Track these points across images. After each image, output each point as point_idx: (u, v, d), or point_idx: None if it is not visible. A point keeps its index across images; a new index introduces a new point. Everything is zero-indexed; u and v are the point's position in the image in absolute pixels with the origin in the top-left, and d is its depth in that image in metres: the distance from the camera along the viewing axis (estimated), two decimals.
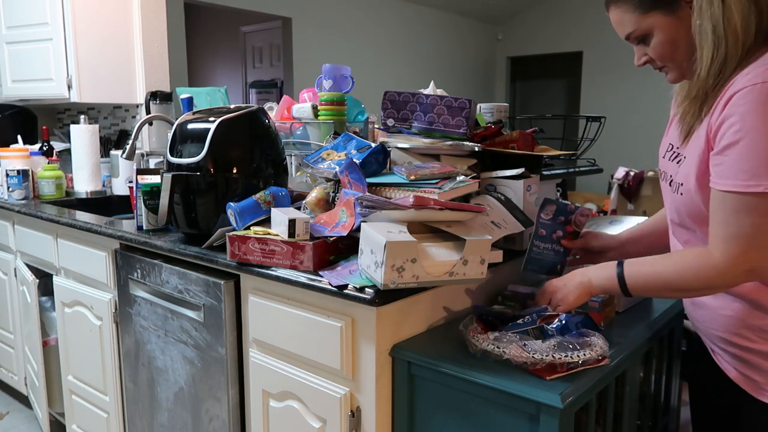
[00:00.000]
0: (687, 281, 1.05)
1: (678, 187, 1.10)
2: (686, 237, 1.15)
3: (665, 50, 1.06)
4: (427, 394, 1.21)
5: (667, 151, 1.18)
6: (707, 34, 0.98)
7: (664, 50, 1.06)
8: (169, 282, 1.63)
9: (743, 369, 1.11)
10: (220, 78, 6.68)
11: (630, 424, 1.32)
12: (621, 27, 1.10)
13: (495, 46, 7.89)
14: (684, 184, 1.08)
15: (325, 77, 1.87)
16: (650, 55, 1.08)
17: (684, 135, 1.09)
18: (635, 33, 1.07)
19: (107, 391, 1.98)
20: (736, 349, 1.11)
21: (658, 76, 1.16)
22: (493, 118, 2.02)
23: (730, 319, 1.10)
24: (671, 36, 1.04)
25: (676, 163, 1.13)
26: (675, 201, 1.13)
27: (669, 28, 1.03)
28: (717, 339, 1.15)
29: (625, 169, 3.94)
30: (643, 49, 1.09)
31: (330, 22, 5.72)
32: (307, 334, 1.32)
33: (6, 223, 2.49)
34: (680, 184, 1.09)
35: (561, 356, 1.08)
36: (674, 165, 1.14)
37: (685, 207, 1.09)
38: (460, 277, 1.18)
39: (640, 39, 1.08)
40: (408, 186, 1.39)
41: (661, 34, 1.04)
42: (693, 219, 1.09)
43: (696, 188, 1.04)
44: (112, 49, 2.76)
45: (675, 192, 1.11)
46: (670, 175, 1.15)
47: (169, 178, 1.54)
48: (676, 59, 1.06)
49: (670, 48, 1.05)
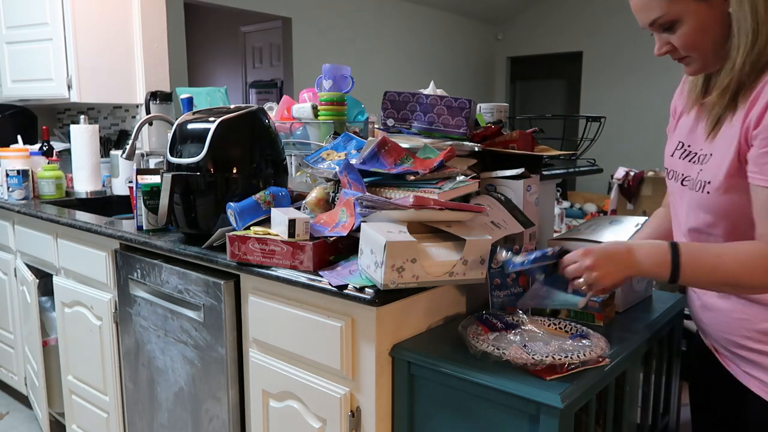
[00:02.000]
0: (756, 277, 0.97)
1: (703, 185, 1.04)
2: (701, 239, 1.10)
3: (693, 39, 0.99)
4: (427, 394, 1.21)
5: (676, 149, 1.14)
6: (745, 21, 0.94)
7: (691, 39, 0.99)
8: (169, 282, 1.63)
9: (754, 371, 1.09)
10: (220, 78, 6.68)
11: (630, 424, 1.32)
12: (645, 12, 1.01)
13: (495, 46, 7.89)
14: (712, 181, 1.02)
15: (325, 77, 1.87)
16: (674, 44, 1.02)
17: (710, 129, 1.04)
18: (662, 19, 1.00)
19: (107, 391, 1.98)
20: (746, 352, 1.09)
21: (657, 76, 1.16)
22: (493, 118, 2.02)
23: (742, 321, 1.08)
24: (701, 23, 0.98)
25: (691, 161, 1.09)
26: (695, 200, 1.07)
27: (699, 15, 0.97)
28: (726, 341, 1.13)
29: (625, 169, 3.94)
30: (667, 38, 1.02)
31: (330, 22, 5.72)
32: (307, 334, 1.32)
33: (6, 223, 2.49)
34: (706, 182, 1.03)
35: (561, 357, 1.08)
36: (687, 163, 1.10)
37: (711, 206, 1.04)
38: (460, 277, 1.18)
39: (666, 26, 1.01)
40: (408, 186, 1.39)
41: (690, 21, 0.98)
42: (718, 218, 1.04)
43: (726, 186, 1.00)
44: (112, 49, 2.76)
45: (699, 190, 1.05)
46: (683, 174, 1.11)
47: (169, 178, 1.54)
48: (702, 49, 1.00)
49: (698, 36, 0.99)
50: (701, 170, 1.05)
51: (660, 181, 3.89)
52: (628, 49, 6.63)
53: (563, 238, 1.54)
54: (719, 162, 1.01)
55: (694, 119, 1.12)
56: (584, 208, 5.24)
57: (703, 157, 1.06)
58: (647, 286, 1.58)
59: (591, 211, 5.11)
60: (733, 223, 1.04)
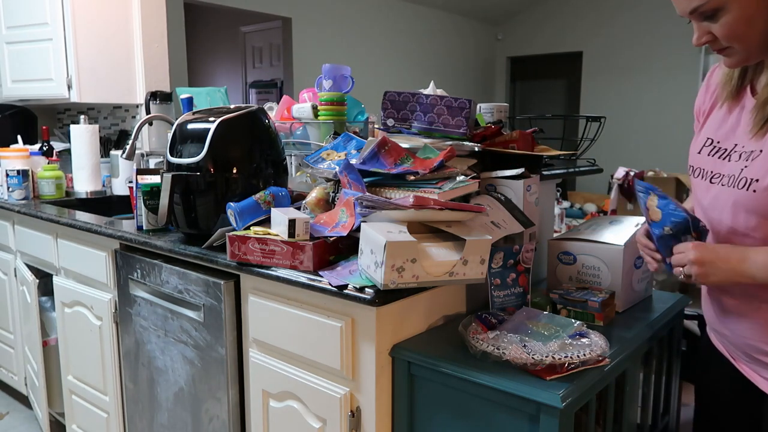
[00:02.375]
0: None
1: (748, 183, 0.99)
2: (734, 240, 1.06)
3: (738, 28, 0.94)
4: (427, 394, 1.21)
5: (704, 146, 1.10)
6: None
7: (736, 28, 0.94)
8: (169, 282, 1.63)
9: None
10: (220, 78, 6.68)
11: (630, 424, 1.32)
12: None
13: (495, 46, 7.89)
14: (761, 180, 0.97)
15: (325, 77, 1.87)
16: (715, 34, 0.96)
17: (759, 125, 0.99)
18: (705, 6, 0.93)
19: (107, 391, 1.98)
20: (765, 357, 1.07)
21: (657, 76, 1.15)
22: (493, 118, 2.01)
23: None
24: (748, 12, 0.92)
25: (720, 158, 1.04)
26: (736, 198, 1.01)
27: (747, 3, 0.92)
28: (748, 347, 1.10)
29: (625, 169, 3.94)
30: (708, 27, 0.96)
31: (330, 22, 5.72)
32: (307, 334, 1.32)
33: (6, 223, 2.49)
34: (753, 179, 0.98)
35: (561, 357, 1.08)
36: (716, 160, 1.06)
37: (757, 205, 0.98)
38: (460, 277, 1.18)
39: (708, 14, 0.95)
40: (408, 186, 1.39)
41: (736, 9, 0.92)
42: (761, 218, 0.99)
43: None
44: (112, 49, 2.76)
45: (743, 188, 1.00)
46: (711, 171, 1.07)
47: (169, 178, 1.54)
48: (747, 40, 0.95)
49: (744, 26, 0.93)
50: (746, 167, 1.00)
51: (660, 181, 3.89)
52: (628, 49, 6.63)
53: (563, 238, 1.54)
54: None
55: (726, 114, 1.08)
56: (584, 208, 5.24)
57: (747, 154, 1.01)
58: (647, 286, 1.58)
59: (591, 211, 5.10)
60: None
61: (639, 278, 1.53)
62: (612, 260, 1.46)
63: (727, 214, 1.04)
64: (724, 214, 1.05)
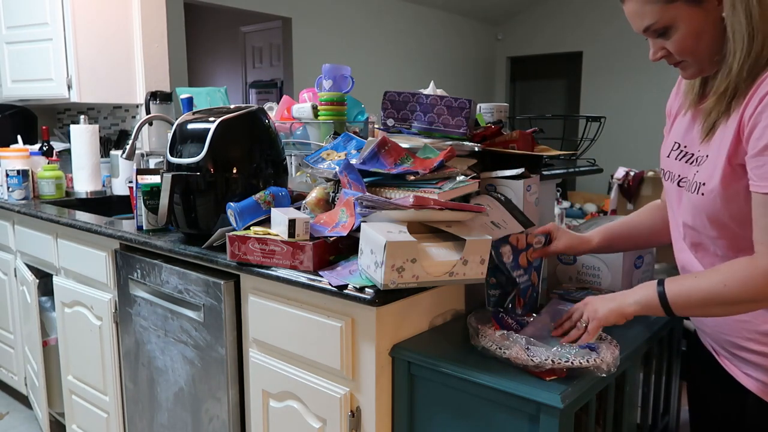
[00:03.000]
0: (733, 293, 0.98)
1: (698, 186, 1.04)
2: (698, 240, 1.10)
3: (688, 43, 0.99)
4: (427, 394, 1.20)
5: (672, 150, 1.14)
6: (741, 25, 0.93)
7: (686, 43, 0.99)
8: (169, 282, 1.63)
9: (755, 373, 1.09)
10: (220, 78, 6.68)
11: (630, 424, 1.32)
12: (639, 18, 1.01)
13: (495, 46, 7.89)
14: (706, 183, 1.02)
15: (325, 77, 1.87)
16: (669, 49, 1.02)
17: (706, 132, 1.03)
18: (656, 25, 0.99)
19: (107, 391, 1.98)
20: (747, 354, 1.09)
21: (657, 76, 1.16)
22: (493, 118, 2.02)
23: (743, 323, 1.07)
24: (695, 28, 0.97)
25: (687, 162, 1.09)
26: (691, 202, 1.07)
27: (693, 20, 0.97)
28: (726, 343, 1.13)
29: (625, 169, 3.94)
30: (662, 43, 1.02)
31: (330, 22, 5.72)
32: (307, 334, 1.32)
33: (6, 223, 2.49)
34: (701, 183, 1.03)
35: (561, 361, 1.07)
36: (684, 164, 1.10)
37: (706, 208, 1.04)
38: (460, 278, 1.18)
39: (660, 32, 1.00)
40: (408, 186, 1.39)
41: (684, 26, 0.97)
42: (712, 221, 1.04)
43: (720, 188, 0.99)
44: (112, 49, 2.76)
45: (694, 192, 1.05)
46: (678, 175, 1.11)
47: (169, 178, 1.54)
48: (698, 53, 1.00)
49: (693, 41, 0.98)
50: (697, 171, 1.06)
51: (660, 181, 3.88)
52: (628, 49, 6.63)
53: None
54: (715, 164, 1.01)
55: (690, 120, 1.12)
56: (584, 208, 5.24)
57: (699, 159, 1.06)
58: None
59: (591, 211, 5.11)
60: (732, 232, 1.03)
61: (639, 278, 1.53)
62: (612, 260, 1.46)
63: (689, 217, 1.09)
64: (688, 217, 1.09)
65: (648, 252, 1.55)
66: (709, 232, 1.06)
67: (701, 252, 1.12)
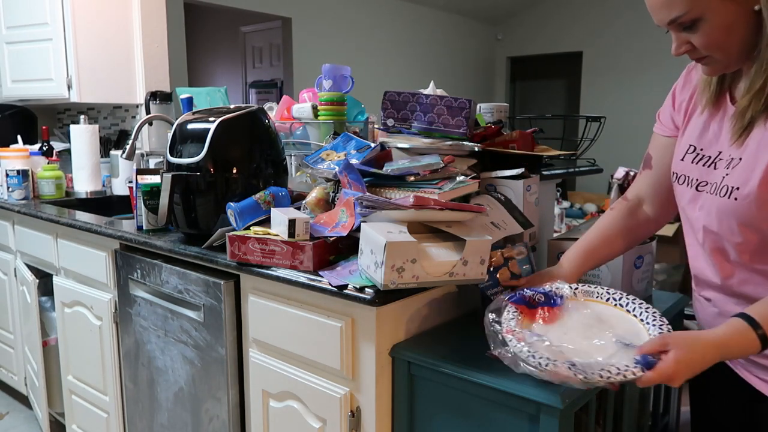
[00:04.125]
0: None
1: (729, 191, 0.99)
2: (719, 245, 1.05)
3: (717, 37, 0.93)
4: (427, 394, 1.20)
5: (687, 153, 1.09)
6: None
7: (715, 37, 0.93)
8: (169, 282, 1.63)
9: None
10: (220, 78, 6.68)
11: (630, 424, 1.32)
12: (667, 9, 0.94)
13: (495, 46, 7.89)
14: (741, 188, 0.97)
15: (325, 77, 1.87)
16: (695, 43, 0.96)
17: (738, 133, 0.99)
18: (684, 17, 0.93)
19: (107, 391, 1.98)
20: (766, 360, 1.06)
21: (657, 76, 1.13)
22: (493, 118, 2.01)
23: None
24: (726, 21, 0.92)
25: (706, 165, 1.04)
26: (718, 206, 1.02)
27: (726, 12, 0.91)
28: None
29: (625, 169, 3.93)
30: (687, 37, 0.96)
31: (330, 22, 5.72)
32: (307, 334, 1.32)
33: (6, 223, 2.49)
34: (734, 188, 0.98)
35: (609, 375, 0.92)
36: (702, 168, 1.05)
37: (737, 213, 0.99)
38: (460, 278, 1.18)
39: (687, 25, 0.94)
40: (408, 186, 1.39)
41: (714, 18, 0.92)
42: (743, 226, 0.99)
43: (758, 192, 0.95)
44: (112, 49, 2.76)
45: (724, 196, 1.00)
46: (696, 179, 1.07)
47: (169, 178, 1.54)
48: (727, 48, 0.95)
49: (723, 35, 0.93)
50: (727, 175, 1.01)
51: None
52: (628, 49, 6.62)
53: (563, 238, 1.54)
54: (754, 168, 0.96)
55: (706, 121, 1.08)
56: (584, 208, 5.24)
57: (728, 162, 1.02)
58: (647, 286, 1.58)
59: (591, 211, 5.10)
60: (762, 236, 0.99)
61: (639, 278, 1.53)
62: (612, 260, 1.46)
63: (714, 222, 1.05)
64: (712, 222, 1.05)
65: (648, 252, 1.55)
66: (735, 237, 1.02)
67: (719, 257, 1.08)
